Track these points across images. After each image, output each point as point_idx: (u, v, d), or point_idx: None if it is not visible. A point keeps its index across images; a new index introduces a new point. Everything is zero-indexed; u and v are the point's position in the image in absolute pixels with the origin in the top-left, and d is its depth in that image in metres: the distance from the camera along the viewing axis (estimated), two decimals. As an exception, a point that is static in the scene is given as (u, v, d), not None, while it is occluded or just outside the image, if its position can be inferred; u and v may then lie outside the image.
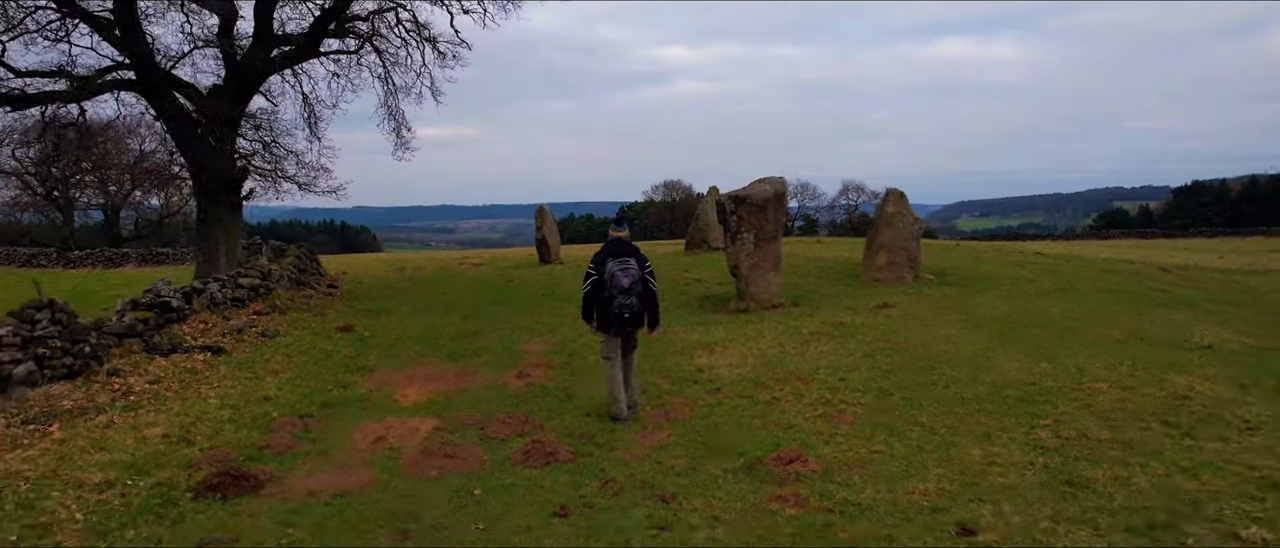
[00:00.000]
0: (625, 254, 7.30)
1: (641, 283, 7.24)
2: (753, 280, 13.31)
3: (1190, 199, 78.92)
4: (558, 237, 23.40)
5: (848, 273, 17.55)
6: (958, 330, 11.04)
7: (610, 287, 7.17)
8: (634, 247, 7.45)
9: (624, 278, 7.13)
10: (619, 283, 7.13)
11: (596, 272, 7.29)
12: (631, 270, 7.18)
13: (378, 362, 10.15)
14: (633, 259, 7.28)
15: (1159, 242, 46.40)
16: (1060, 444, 6.51)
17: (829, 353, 9.87)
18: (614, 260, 7.25)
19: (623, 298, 7.12)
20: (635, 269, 7.21)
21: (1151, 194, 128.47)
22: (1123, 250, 31.51)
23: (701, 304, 14.09)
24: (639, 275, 7.23)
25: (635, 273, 7.20)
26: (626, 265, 7.19)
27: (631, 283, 7.14)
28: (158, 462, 6.48)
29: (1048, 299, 13.79)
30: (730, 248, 13.39)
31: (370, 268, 25.53)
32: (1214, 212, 74.61)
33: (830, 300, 13.81)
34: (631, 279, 7.14)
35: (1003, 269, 18.68)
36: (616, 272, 7.16)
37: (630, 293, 7.14)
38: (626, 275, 7.14)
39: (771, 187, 13.49)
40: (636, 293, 7.17)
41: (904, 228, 16.04)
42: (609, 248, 7.40)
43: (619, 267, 7.18)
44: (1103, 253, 27.78)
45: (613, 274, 7.17)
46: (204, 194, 15.35)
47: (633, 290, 7.14)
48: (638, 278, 7.20)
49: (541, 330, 11.69)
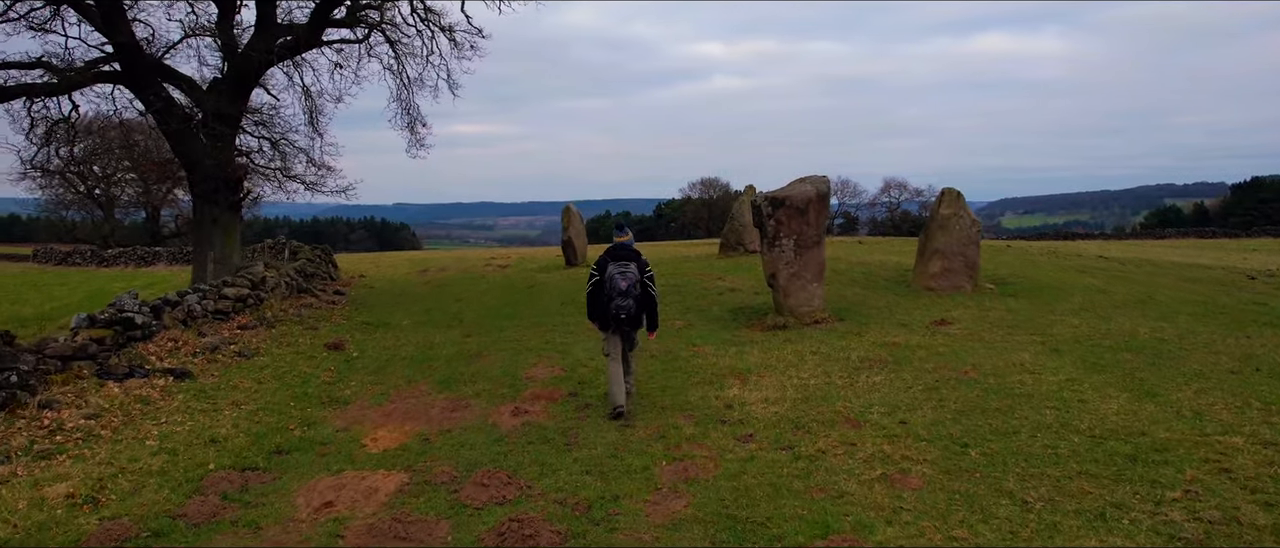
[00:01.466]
0: (626, 258, 7.56)
1: (640, 286, 7.47)
2: (792, 292, 11.69)
3: (1250, 196, 74.92)
4: (584, 238, 21.94)
5: (896, 280, 15.81)
6: (1033, 355, 9.33)
7: (609, 289, 7.42)
8: (636, 251, 7.71)
9: (622, 281, 7.39)
10: (617, 285, 7.39)
11: (598, 274, 7.57)
12: (629, 274, 7.43)
13: (358, 390, 8.74)
14: (632, 264, 7.52)
15: (1223, 242, 43.50)
16: (1205, 534, 4.83)
17: (883, 385, 8.24)
18: (614, 264, 7.51)
19: (620, 299, 7.37)
20: (633, 273, 7.45)
21: (1205, 191, 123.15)
22: (1188, 252, 29.12)
23: (734, 318, 12.50)
24: (636, 279, 7.45)
25: (633, 276, 7.43)
26: (625, 269, 7.45)
27: (628, 286, 7.39)
28: (41, 536, 5.11)
29: (1130, 315, 11.96)
30: (767, 255, 11.77)
31: (393, 268, 24.34)
32: (1276, 210, 70.74)
33: (879, 315, 12.13)
34: (629, 283, 7.40)
35: (1068, 277, 16.78)
36: (615, 275, 7.43)
37: (627, 295, 7.39)
38: (624, 279, 7.40)
39: (813, 187, 11.84)
40: (634, 296, 7.41)
41: (961, 231, 14.27)
42: (611, 252, 7.66)
43: (618, 270, 7.45)
44: (1169, 255, 25.54)
45: (612, 277, 7.43)
46: (197, 194, 14.12)
47: (629, 293, 7.39)
48: (635, 281, 7.44)
49: (550, 351, 10.20)
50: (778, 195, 11.67)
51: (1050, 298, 13.50)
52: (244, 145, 15.64)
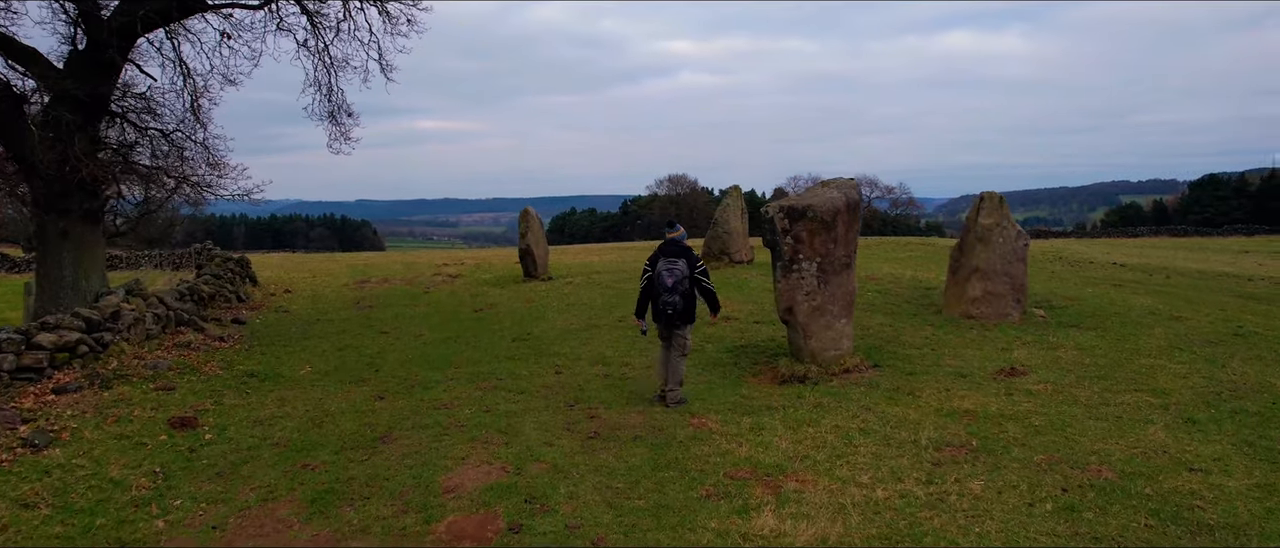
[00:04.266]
0: (675, 255, 7.53)
1: (689, 281, 7.42)
2: (815, 331, 8.69)
3: (1207, 193, 74.08)
4: (545, 246, 18.75)
5: (920, 302, 12.92)
6: (1167, 431, 6.47)
7: (658, 285, 7.45)
8: (686, 248, 7.62)
9: (668, 278, 7.41)
10: (664, 282, 7.41)
11: (650, 269, 7.57)
12: (676, 271, 7.41)
13: (180, 518, 5.47)
14: (681, 260, 7.50)
15: (1201, 241, 41.65)
16: None
17: (988, 500, 5.26)
18: (665, 260, 7.52)
19: (667, 295, 7.41)
20: (681, 269, 7.42)
21: (1160, 188, 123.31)
22: (1193, 255, 26.76)
23: (736, 361, 9.47)
24: (684, 275, 7.41)
25: (680, 273, 7.40)
26: (673, 266, 7.44)
27: (675, 283, 7.37)
28: None
29: (1235, 354, 9.16)
30: (781, 283, 8.74)
31: (330, 277, 20.90)
32: (1233, 206, 69.84)
33: (924, 359, 9.20)
34: (675, 279, 7.38)
35: (1111, 295, 14.04)
36: (663, 271, 7.44)
37: (673, 292, 7.38)
38: (671, 276, 7.41)
39: (841, 193, 8.85)
40: (680, 292, 7.39)
41: (1005, 246, 11.39)
42: (663, 248, 7.62)
43: (666, 267, 7.45)
44: (1185, 262, 23.08)
45: (660, 274, 7.45)
46: (39, 202, 10.65)
47: (676, 289, 7.38)
48: (682, 278, 7.40)
49: (490, 430, 7.01)
50: (797, 205, 8.65)
51: (1118, 329, 10.68)
52: (117, 138, 12.19)
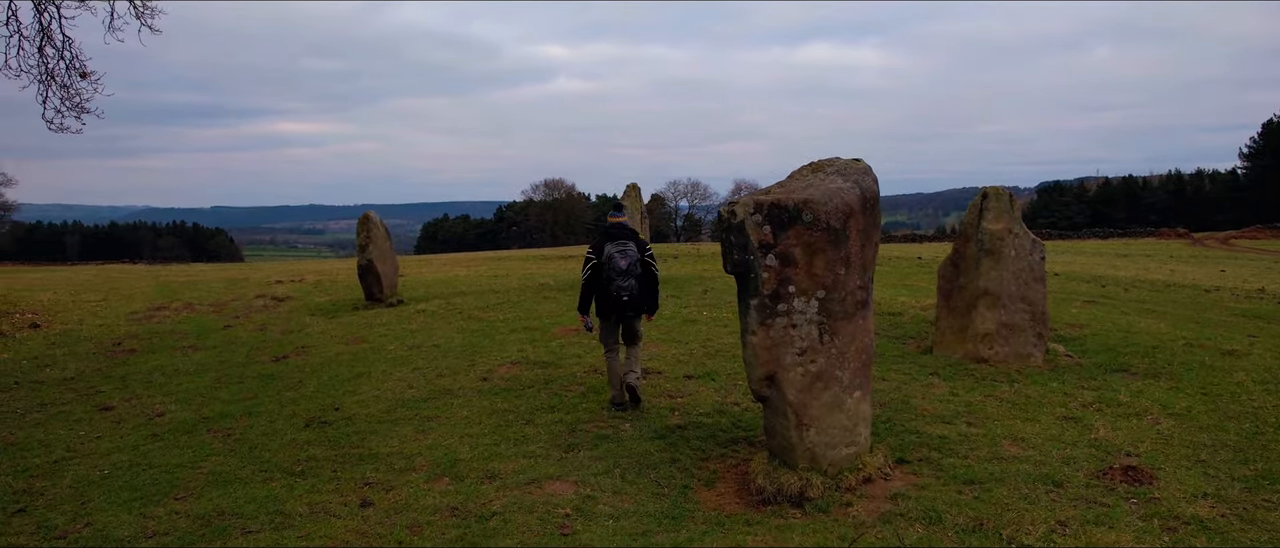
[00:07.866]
0: (624, 238, 6.81)
1: (641, 265, 6.74)
2: (814, 414, 4.96)
3: (1053, 198, 77.36)
4: (392, 260, 14.32)
5: (887, 332, 9.53)
6: None
7: (609, 269, 6.69)
8: (633, 231, 6.93)
9: (622, 261, 6.68)
10: (617, 265, 6.69)
11: (595, 256, 6.81)
12: (629, 253, 6.72)
13: None
14: (631, 243, 6.79)
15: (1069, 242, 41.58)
16: None
17: None
18: (612, 244, 6.77)
19: (621, 280, 6.66)
20: (633, 252, 6.74)
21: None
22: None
23: (672, 457, 5.63)
24: (637, 258, 6.74)
25: (633, 255, 6.72)
26: (624, 248, 6.74)
27: (629, 265, 6.69)
28: None
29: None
30: (756, 333, 4.94)
31: (123, 300, 15.60)
32: (1076, 211, 73.09)
33: (968, 443, 5.66)
34: (629, 261, 6.69)
35: (1101, 315, 11.20)
36: (614, 254, 6.72)
37: (628, 275, 6.68)
38: (624, 258, 6.69)
39: (850, 182, 5.18)
40: (635, 275, 6.70)
41: (1020, 260, 8.13)
42: (608, 232, 6.87)
43: (617, 249, 6.74)
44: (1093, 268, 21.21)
45: (610, 257, 6.71)
46: None
47: (630, 273, 6.69)
48: (635, 260, 6.72)
49: None
50: (784, 201, 4.88)
51: (1186, 375, 7.60)
52: None
